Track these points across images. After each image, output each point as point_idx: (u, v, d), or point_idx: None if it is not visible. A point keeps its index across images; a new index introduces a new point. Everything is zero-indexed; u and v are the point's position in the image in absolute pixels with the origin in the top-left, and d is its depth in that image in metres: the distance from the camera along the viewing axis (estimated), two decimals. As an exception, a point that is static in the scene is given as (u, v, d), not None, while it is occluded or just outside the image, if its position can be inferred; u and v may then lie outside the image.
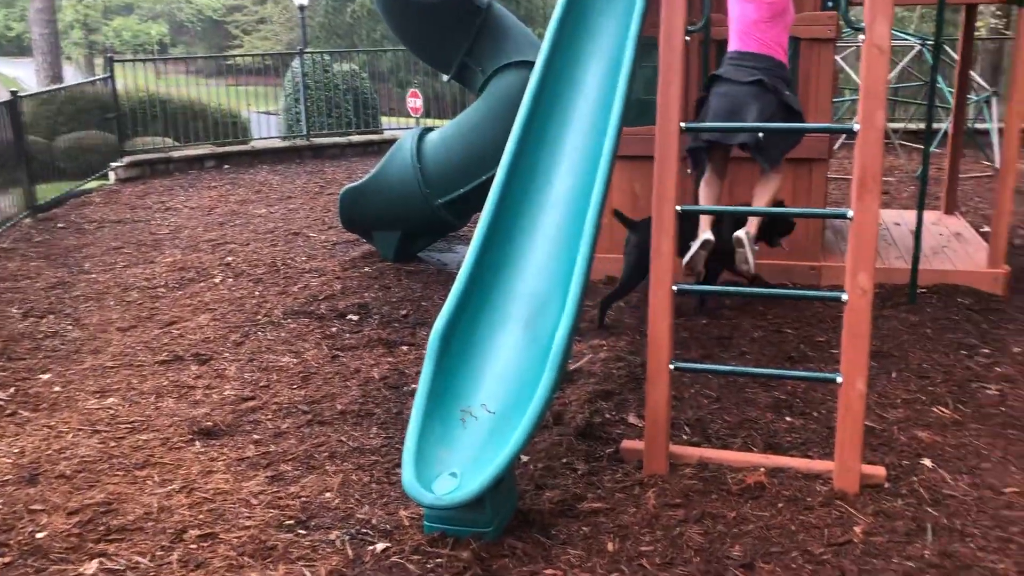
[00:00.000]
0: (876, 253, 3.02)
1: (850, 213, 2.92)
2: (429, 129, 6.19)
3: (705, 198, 4.41)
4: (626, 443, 3.33)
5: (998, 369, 4.04)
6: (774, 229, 4.78)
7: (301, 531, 2.84)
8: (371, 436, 3.53)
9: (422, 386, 2.89)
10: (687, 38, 3.12)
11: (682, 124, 3.08)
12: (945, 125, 7.30)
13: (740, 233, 4.23)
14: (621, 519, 2.86)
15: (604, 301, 4.82)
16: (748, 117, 4.13)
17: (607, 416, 3.66)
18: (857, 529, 2.77)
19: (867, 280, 2.91)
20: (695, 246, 4.28)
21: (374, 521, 2.88)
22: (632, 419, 3.62)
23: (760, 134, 4.21)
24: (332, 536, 2.81)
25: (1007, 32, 13.28)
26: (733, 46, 4.32)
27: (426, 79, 13.65)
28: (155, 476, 3.24)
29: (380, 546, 2.74)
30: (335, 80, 12.91)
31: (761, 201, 4.33)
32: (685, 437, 3.46)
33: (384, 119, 13.98)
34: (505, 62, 5.86)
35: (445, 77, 6.26)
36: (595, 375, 4.09)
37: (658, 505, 2.93)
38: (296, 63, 12.65)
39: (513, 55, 5.86)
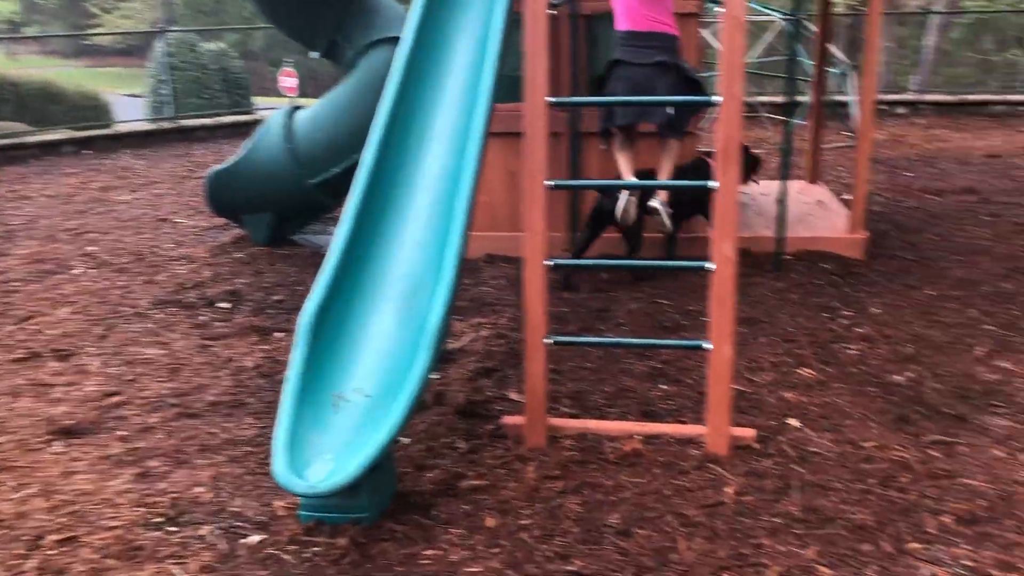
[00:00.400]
0: (739, 222, 3.10)
1: (715, 184, 2.99)
2: (299, 107, 6.02)
3: (624, 163, 4.57)
4: (506, 419, 3.33)
5: (858, 330, 4.24)
6: (749, 171, 5.29)
7: (170, 528, 2.73)
8: (244, 427, 3.41)
9: (292, 372, 2.80)
10: (553, 12, 3.12)
11: (549, 99, 3.08)
12: (807, 98, 7.57)
13: (654, 203, 4.39)
14: (501, 494, 2.86)
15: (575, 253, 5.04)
16: (658, 96, 4.28)
17: (488, 393, 3.65)
18: (729, 490, 2.85)
19: (730, 248, 2.99)
20: (622, 198, 4.45)
21: (248, 513, 2.79)
22: (513, 395, 3.62)
23: (670, 111, 4.32)
24: (203, 531, 2.70)
25: (862, 8, 13.90)
26: (623, 26, 4.37)
27: (300, 57, 13.23)
28: (10, 481, 3.04)
29: (254, 538, 2.65)
30: (203, 60, 12.41)
31: (667, 167, 4.52)
32: (565, 410, 3.48)
33: (257, 99, 13.56)
34: (376, 38, 5.75)
35: (314, 55, 6.09)
36: (476, 353, 4.08)
37: (538, 478, 2.95)
38: (161, 43, 12.09)
39: (384, 31, 5.74)
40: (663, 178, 4.66)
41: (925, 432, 3.24)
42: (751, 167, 5.36)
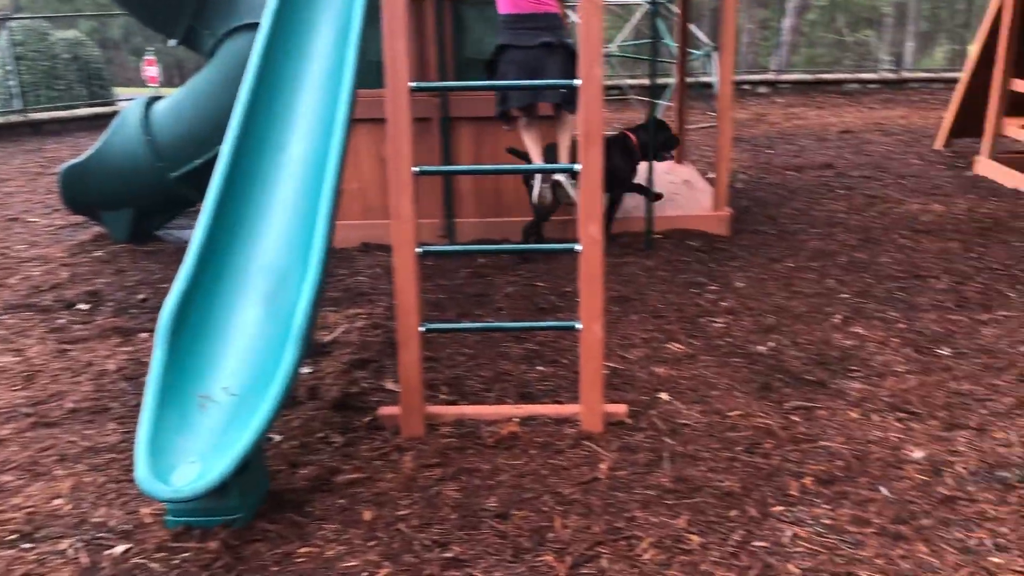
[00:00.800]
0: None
1: (578, 167, 3.02)
2: (157, 98, 5.76)
3: (531, 144, 4.59)
4: (383, 410, 3.30)
5: (723, 304, 4.39)
6: (662, 147, 5.47)
7: (26, 545, 2.57)
8: (107, 433, 3.26)
9: (153, 373, 2.69)
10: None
11: (412, 84, 3.04)
12: (672, 79, 7.77)
13: (558, 177, 4.42)
14: (378, 486, 2.83)
15: (528, 229, 5.18)
16: (549, 77, 4.28)
17: (364, 385, 3.60)
18: (603, 466, 2.91)
19: (597, 230, 3.04)
20: (537, 184, 4.46)
21: (112, 523, 2.67)
22: (390, 385, 3.58)
23: (564, 89, 4.35)
24: (63, 546, 2.56)
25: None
26: (506, 9, 4.37)
27: (163, 46, 12.71)
28: None
29: (119, 549, 2.54)
30: (55, 49, 11.73)
31: (566, 141, 4.57)
32: (443, 397, 3.47)
33: (119, 90, 12.94)
34: (237, 24, 5.54)
35: (172, 42, 5.83)
36: (351, 344, 4.01)
37: (415, 467, 2.93)
38: (4, 31, 11.35)
39: (245, 16, 5.54)
40: (562, 153, 4.71)
41: (787, 399, 3.39)
42: (667, 144, 5.49)
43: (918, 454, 2.95)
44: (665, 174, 6.66)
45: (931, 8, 22.94)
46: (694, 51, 9.39)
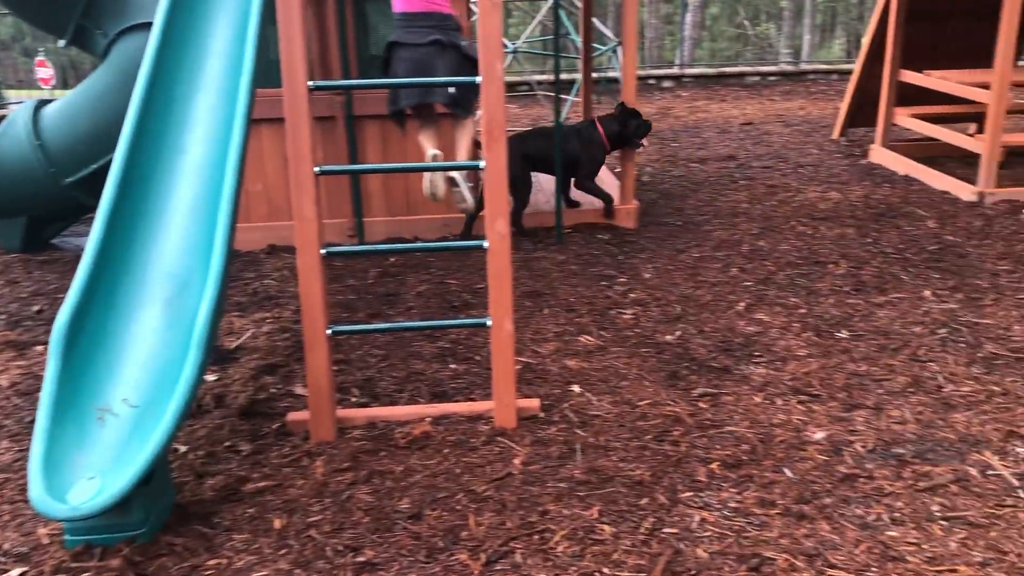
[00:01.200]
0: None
1: (482, 164, 3.03)
2: (47, 101, 5.53)
3: (425, 141, 4.55)
4: (292, 415, 3.24)
5: (632, 295, 4.46)
6: (636, 135, 5.47)
7: (-87, 575, 2.45)
8: (0, 452, 3.12)
9: (47, 387, 2.58)
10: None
11: (310, 83, 3.00)
12: (579, 74, 7.85)
13: (453, 174, 4.39)
14: (289, 493, 2.78)
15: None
16: (438, 75, 4.22)
17: (273, 391, 3.53)
18: (516, 461, 2.92)
19: (504, 226, 3.04)
20: (426, 175, 4.41)
21: (7, 546, 2.56)
22: (299, 390, 3.52)
23: (451, 89, 4.30)
24: (-47, 574, 2.45)
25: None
26: (399, 7, 4.31)
27: (56, 46, 12.22)
28: None
29: (15, 573, 2.43)
30: (-65, 50, 11.15)
31: (463, 144, 4.53)
32: (354, 399, 3.44)
33: (10, 93, 12.36)
34: (130, 23, 5.35)
35: (61, 43, 5.60)
36: (259, 350, 3.93)
37: (326, 472, 2.89)
38: None
39: (138, 16, 5.36)
40: (459, 155, 4.63)
41: (694, 386, 3.46)
42: (639, 131, 5.50)
43: (819, 435, 3.05)
44: (574, 169, 6.72)
45: (827, 2, 23.76)
46: (600, 46, 9.52)
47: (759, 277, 4.66)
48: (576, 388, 3.46)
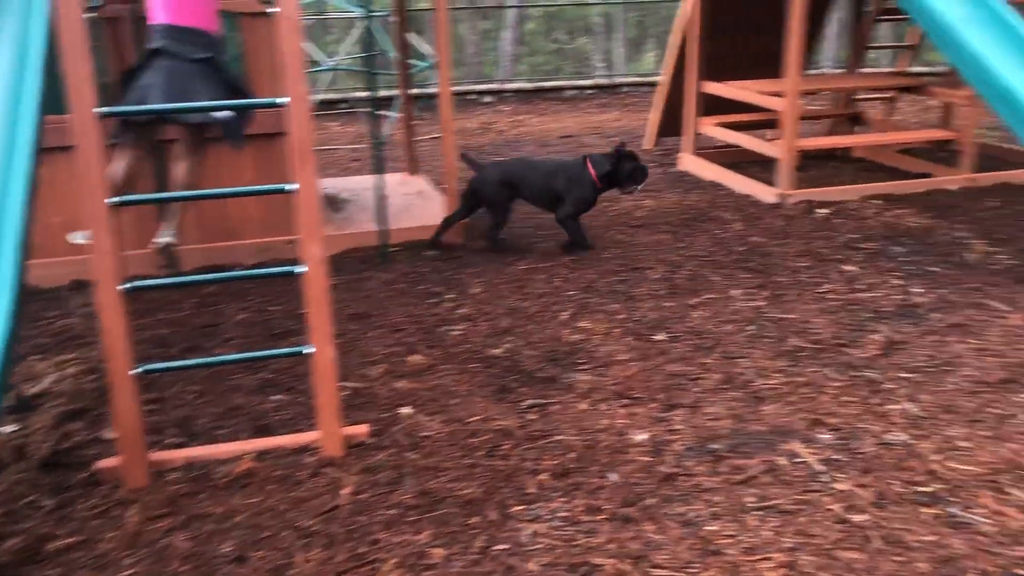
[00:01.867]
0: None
1: (290, 187, 2.94)
2: None
3: (117, 169, 4.18)
4: (100, 463, 3.02)
5: (461, 311, 4.47)
6: (630, 179, 5.36)
7: None
8: None
9: None
10: (93, 15, 2.84)
11: (98, 110, 2.81)
12: (398, 91, 7.81)
13: (160, 241, 4.14)
14: (99, 548, 2.59)
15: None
16: (199, 98, 3.99)
17: (78, 438, 3.29)
18: (345, 492, 2.85)
19: (318, 249, 2.97)
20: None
21: None
22: (108, 435, 3.29)
23: (215, 114, 4.09)
24: None
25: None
26: (162, 19, 4.09)
27: None
28: None
29: None
30: None
31: (184, 168, 4.28)
32: (170, 440, 3.25)
33: None
34: None
35: None
36: (63, 394, 3.65)
37: (140, 521, 2.71)
38: None
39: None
40: (179, 183, 4.36)
41: (523, 398, 3.50)
42: (636, 176, 5.32)
43: (641, 436, 3.15)
44: (399, 186, 6.70)
45: (638, 16, 24.85)
46: (419, 62, 9.53)
47: (582, 286, 4.78)
48: (406, 410, 3.42)
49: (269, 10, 3.00)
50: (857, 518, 2.62)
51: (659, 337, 4.06)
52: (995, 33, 5.08)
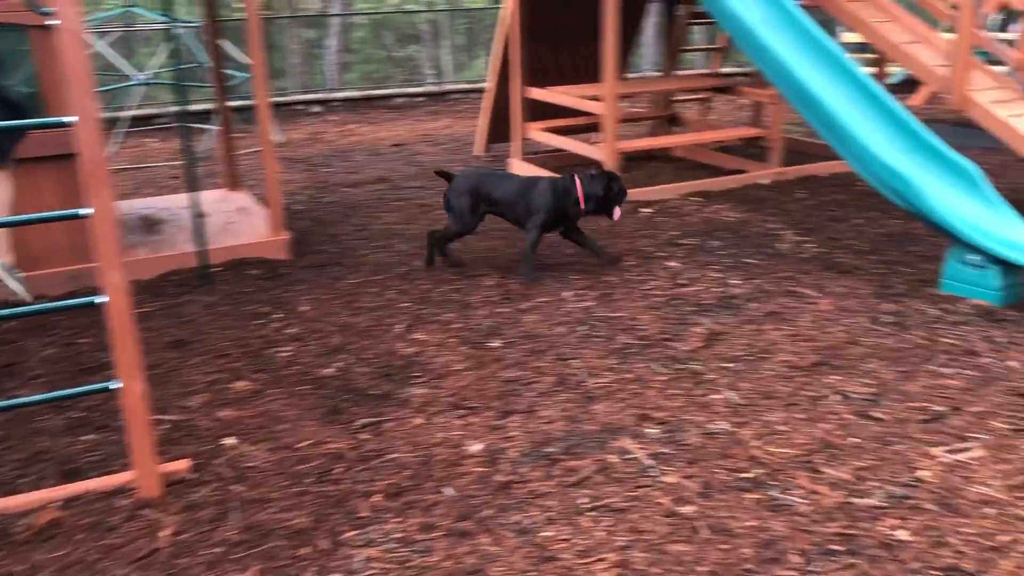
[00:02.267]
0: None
1: (84, 212, 2.72)
2: None
3: None
4: None
5: (289, 331, 4.31)
6: (611, 203, 4.94)
7: None
8: None
9: None
10: None
11: None
12: (214, 104, 7.49)
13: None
14: None
15: (437, 239, 5.15)
16: None
17: None
18: (164, 534, 2.66)
19: (119, 276, 2.76)
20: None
21: None
22: None
23: None
24: None
25: (265, 11, 14.28)
26: None
27: None
28: None
29: None
30: None
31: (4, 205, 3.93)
32: (-37, 495, 2.95)
33: None
34: None
35: None
36: None
37: (-75, 592, 2.44)
38: None
39: None
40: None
41: (356, 417, 3.40)
42: (616, 198, 4.95)
43: (476, 447, 3.12)
44: (219, 203, 6.41)
45: (465, 23, 25.02)
46: (239, 73, 9.18)
47: (416, 297, 4.71)
48: (230, 440, 3.25)
49: (48, 22, 2.76)
50: (685, 509, 2.68)
51: (494, 344, 4.05)
52: (790, 33, 5.40)
